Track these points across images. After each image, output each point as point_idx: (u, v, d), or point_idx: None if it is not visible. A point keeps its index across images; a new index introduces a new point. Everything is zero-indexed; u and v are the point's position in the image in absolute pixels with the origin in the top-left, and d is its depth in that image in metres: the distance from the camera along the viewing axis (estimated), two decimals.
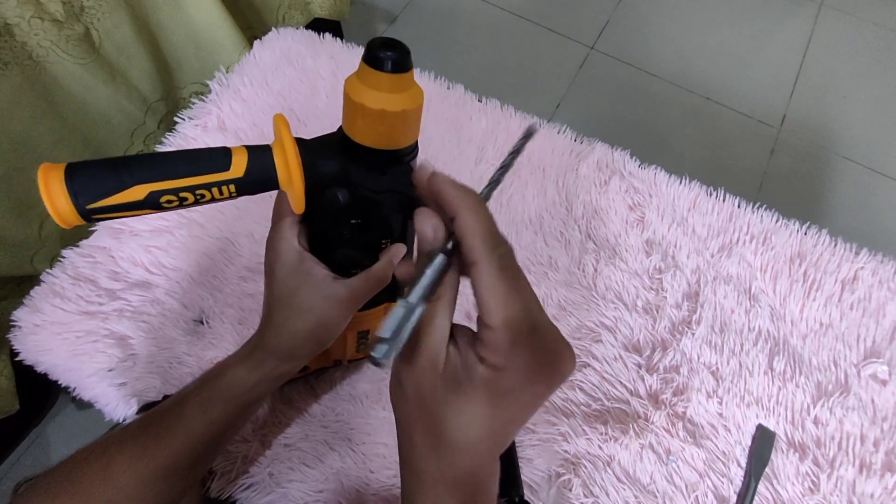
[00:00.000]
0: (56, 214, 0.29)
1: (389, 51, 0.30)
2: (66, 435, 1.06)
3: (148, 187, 0.30)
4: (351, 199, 0.35)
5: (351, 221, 0.37)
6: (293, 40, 0.74)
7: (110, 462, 0.36)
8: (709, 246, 0.62)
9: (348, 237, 0.37)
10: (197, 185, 0.31)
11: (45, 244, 0.81)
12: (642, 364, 0.55)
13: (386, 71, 0.30)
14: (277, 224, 0.37)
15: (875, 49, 1.65)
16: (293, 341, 0.38)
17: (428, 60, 1.69)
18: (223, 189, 0.32)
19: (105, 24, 0.76)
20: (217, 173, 0.31)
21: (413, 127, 0.34)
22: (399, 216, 0.38)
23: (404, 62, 0.31)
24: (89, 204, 0.29)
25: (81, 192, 0.29)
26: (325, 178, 0.34)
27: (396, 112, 0.31)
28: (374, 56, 0.30)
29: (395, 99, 0.31)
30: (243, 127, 0.67)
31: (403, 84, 0.31)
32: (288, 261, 0.37)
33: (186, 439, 0.38)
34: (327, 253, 0.38)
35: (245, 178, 0.32)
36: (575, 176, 0.66)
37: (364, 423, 0.52)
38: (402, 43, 0.31)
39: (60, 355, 0.54)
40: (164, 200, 0.31)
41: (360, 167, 0.34)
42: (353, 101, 0.31)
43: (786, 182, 1.41)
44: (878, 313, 0.58)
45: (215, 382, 0.39)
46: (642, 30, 1.65)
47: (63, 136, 0.78)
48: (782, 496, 0.50)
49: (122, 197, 0.30)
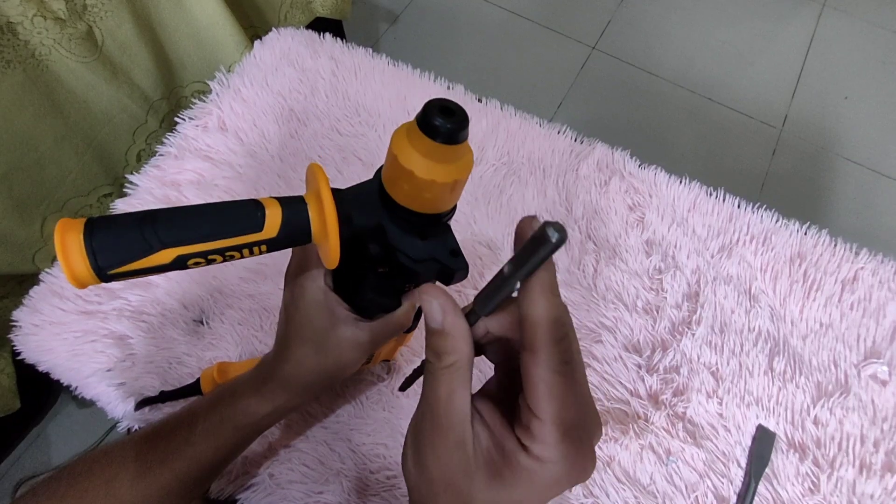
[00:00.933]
0: (72, 278, 0.26)
1: (447, 119, 0.28)
2: (66, 433, 1.06)
3: (176, 251, 0.27)
4: (383, 253, 0.33)
5: (378, 269, 0.35)
6: (293, 40, 0.74)
7: (113, 478, 0.36)
8: (709, 246, 0.62)
9: (374, 282, 0.36)
10: (228, 248, 0.28)
11: (47, 243, 0.81)
12: (642, 364, 0.55)
13: (441, 142, 0.28)
14: (304, 262, 0.36)
15: (877, 50, 1.64)
16: (310, 378, 0.38)
17: (428, 60, 1.69)
18: (254, 249, 0.29)
19: (107, 23, 0.76)
20: (250, 234, 0.29)
21: (459, 193, 0.32)
22: None
23: (462, 133, 0.29)
24: (111, 269, 0.26)
25: (102, 256, 0.26)
26: (360, 234, 0.32)
27: (447, 182, 0.29)
28: (430, 123, 0.28)
29: (448, 170, 0.29)
30: (244, 127, 0.67)
31: (458, 154, 0.29)
32: (313, 299, 0.35)
33: (192, 462, 0.38)
34: (350, 293, 0.37)
35: (278, 238, 0.29)
36: (575, 176, 0.66)
37: (364, 423, 0.52)
38: (461, 109, 0.29)
39: (61, 355, 0.54)
40: (191, 263, 0.28)
41: (398, 226, 0.33)
42: (400, 166, 0.29)
43: (787, 182, 1.41)
44: (878, 313, 0.58)
45: (226, 410, 0.39)
46: (644, 30, 1.65)
47: (65, 134, 0.78)
48: (782, 496, 0.50)
49: (148, 261, 0.27)
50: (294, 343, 0.37)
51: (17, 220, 0.76)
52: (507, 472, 0.23)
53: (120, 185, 0.87)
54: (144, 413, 0.52)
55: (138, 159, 0.91)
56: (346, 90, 0.70)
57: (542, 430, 0.22)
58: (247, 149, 0.66)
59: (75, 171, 0.82)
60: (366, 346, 0.37)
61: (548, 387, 0.22)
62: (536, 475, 0.23)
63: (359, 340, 0.36)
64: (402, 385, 0.35)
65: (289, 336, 0.37)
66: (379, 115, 0.69)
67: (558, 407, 0.22)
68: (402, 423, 0.52)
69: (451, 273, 0.34)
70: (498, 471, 0.23)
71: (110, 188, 0.88)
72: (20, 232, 0.77)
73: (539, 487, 0.23)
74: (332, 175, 0.66)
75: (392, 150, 0.30)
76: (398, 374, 0.55)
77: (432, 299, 0.25)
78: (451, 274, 0.34)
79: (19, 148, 0.74)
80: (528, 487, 0.23)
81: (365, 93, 0.70)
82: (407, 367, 0.55)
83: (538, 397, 0.22)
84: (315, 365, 0.37)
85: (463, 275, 0.34)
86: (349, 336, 0.36)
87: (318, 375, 0.37)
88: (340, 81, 0.71)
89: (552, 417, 0.22)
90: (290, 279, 0.37)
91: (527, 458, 0.23)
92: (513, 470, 0.23)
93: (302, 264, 0.36)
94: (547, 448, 0.22)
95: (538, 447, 0.22)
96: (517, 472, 0.23)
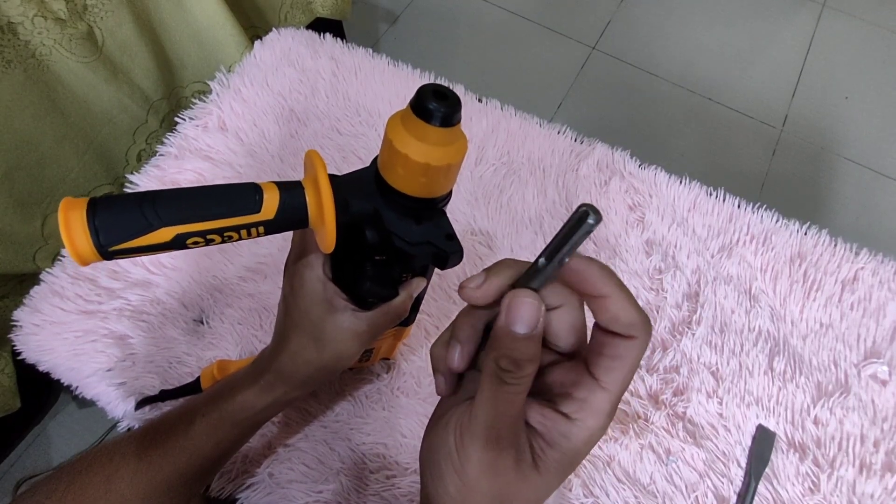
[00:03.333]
0: (75, 254, 0.27)
1: (440, 103, 0.29)
2: (67, 433, 1.07)
3: (175, 229, 0.28)
4: (380, 240, 0.34)
5: (375, 257, 0.36)
6: (293, 41, 0.74)
7: (113, 474, 0.36)
8: (709, 246, 0.62)
9: (371, 271, 0.36)
10: (226, 228, 0.29)
11: (48, 242, 0.81)
12: (642, 364, 0.55)
13: (434, 125, 0.29)
14: (303, 251, 0.37)
15: (877, 50, 1.64)
16: (308, 370, 0.38)
17: (428, 60, 1.69)
18: (252, 231, 0.30)
19: (108, 23, 0.76)
20: (248, 215, 0.29)
21: (454, 177, 0.33)
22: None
23: (454, 116, 0.30)
24: (113, 246, 0.27)
25: (104, 233, 0.27)
26: (356, 219, 0.33)
27: (441, 166, 0.30)
28: (423, 107, 0.29)
29: (442, 153, 0.30)
30: (244, 127, 0.67)
31: (451, 138, 0.30)
32: (312, 290, 0.36)
33: (192, 458, 0.38)
34: (347, 283, 0.37)
35: (275, 220, 0.30)
36: (575, 176, 0.66)
37: (364, 422, 0.52)
38: (454, 93, 0.30)
39: (61, 355, 0.54)
40: (190, 242, 0.29)
41: (393, 211, 0.33)
42: (395, 150, 0.30)
43: (787, 182, 1.41)
44: (878, 313, 0.58)
45: (225, 404, 0.39)
46: (644, 30, 1.65)
47: (65, 134, 0.78)
48: (782, 496, 0.50)
49: (148, 239, 0.28)
50: (292, 334, 0.37)
51: (17, 219, 0.76)
52: (551, 454, 0.24)
53: (120, 184, 0.87)
54: (145, 412, 0.52)
55: (139, 159, 0.91)
56: (346, 90, 0.71)
57: (605, 399, 0.23)
58: (247, 149, 0.66)
59: (76, 171, 0.82)
60: (364, 335, 0.37)
61: (630, 365, 0.23)
62: (582, 441, 0.24)
63: (357, 330, 0.36)
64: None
65: (287, 327, 0.37)
66: (379, 115, 0.69)
67: (624, 382, 0.23)
68: (402, 423, 0.52)
69: (445, 256, 0.34)
70: (542, 460, 0.24)
71: (111, 188, 0.89)
72: (21, 231, 0.77)
73: (584, 450, 0.24)
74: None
75: (387, 134, 0.31)
76: (398, 373, 0.55)
77: (531, 299, 0.23)
78: (445, 257, 0.34)
79: (20, 147, 0.74)
80: (573, 456, 0.24)
81: (365, 93, 0.70)
82: (406, 366, 0.55)
83: (614, 370, 0.23)
84: (313, 355, 0.37)
85: (458, 258, 0.34)
86: (347, 326, 0.36)
87: (316, 366, 0.38)
88: (341, 81, 0.71)
89: (619, 388, 0.23)
90: (288, 271, 0.38)
91: (579, 428, 0.24)
92: (559, 448, 0.24)
93: (300, 254, 0.37)
94: (601, 416, 0.23)
95: (593, 418, 0.23)
96: (563, 447, 0.24)
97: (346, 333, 0.36)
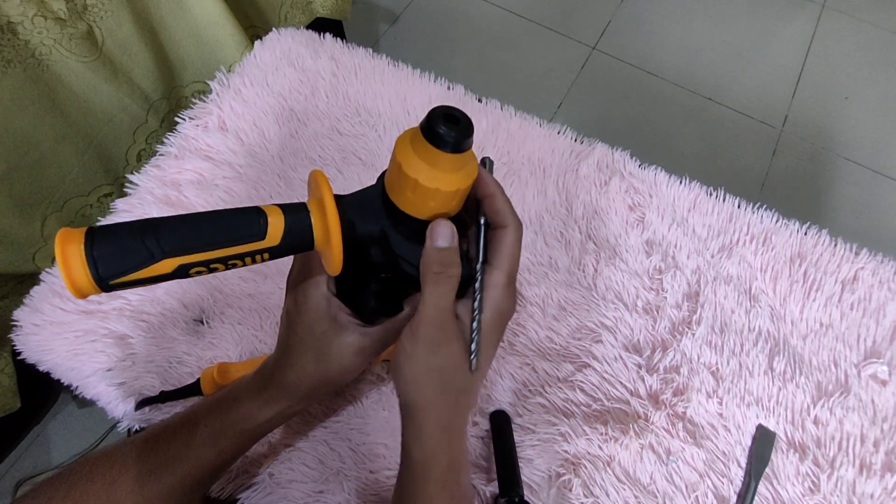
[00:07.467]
0: (73, 288, 0.25)
1: (452, 128, 0.28)
2: (67, 433, 1.07)
3: (178, 261, 0.27)
4: (385, 259, 0.33)
5: (381, 275, 0.35)
6: (294, 41, 0.74)
7: (114, 482, 0.36)
8: (709, 246, 0.62)
9: (376, 288, 0.36)
10: (230, 256, 0.28)
11: (47, 242, 0.81)
12: (642, 364, 0.55)
13: (446, 151, 0.28)
14: (306, 268, 0.36)
15: (877, 50, 1.64)
16: (312, 384, 0.38)
17: (428, 60, 1.69)
18: (256, 258, 0.29)
19: (108, 23, 0.76)
20: (253, 243, 0.29)
21: (464, 199, 0.32)
22: None
23: (466, 141, 0.29)
24: (112, 279, 0.26)
25: (104, 265, 0.25)
26: (362, 241, 0.32)
27: (452, 191, 0.30)
28: (435, 132, 0.28)
29: (453, 178, 0.29)
30: (244, 127, 0.67)
31: (462, 163, 0.29)
32: (316, 306, 0.35)
33: (193, 466, 0.38)
34: (352, 299, 0.37)
35: (280, 246, 0.29)
36: (575, 176, 0.66)
37: (364, 423, 0.52)
38: (466, 116, 0.29)
39: (61, 355, 0.55)
40: (193, 272, 0.28)
41: (400, 233, 0.33)
42: (405, 174, 0.29)
43: (787, 182, 1.41)
44: (878, 313, 0.58)
45: (227, 415, 0.39)
46: (644, 30, 1.65)
47: (65, 134, 0.78)
48: (782, 496, 0.50)
49: (149, 271, 0.26)
50: (296, 350, 0.37)
51: (17, 220, 0.76)
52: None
53: (120, 184, 0.87)
54: (145, 413, 0.52)
55: (139, 159, 0.91)
56: (346, 90, 0.70)
57: (498, 275, 0.33)
58: (247, 149, 0.66)
59: (76, 171, 0.82)
60: (368, 351, 0.37)
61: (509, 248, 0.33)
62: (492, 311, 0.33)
63: (361, 346, 0.36)
64: None
65: (291, 343, 0.37)
66: (379, 115, 0.69)
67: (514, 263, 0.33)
68: None
69: None
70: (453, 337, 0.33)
71: (111, 188, 0.89)
72: (20, 231, 0.77)
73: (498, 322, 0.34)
74: (333, 175, 0.66)
75: (396, 157, 0.30)
76: None
77: (445, 225, 0.31)
78: None
79: (20, 147, 0.74)
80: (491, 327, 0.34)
81: (365, 93, 0.70)
82: None
83: (498, 252, 0.33)
84: (317, 372, 0.37)
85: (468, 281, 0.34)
86: (352, 342, 0.36)
87: (320, 382, 0.37)
88: (341, 81, 0.71)
89: (507, 265, 0.33)
90: (292, 285, 0.37)
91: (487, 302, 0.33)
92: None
93: (304, 271, 0.36)
94: (498, 287, 0.33)
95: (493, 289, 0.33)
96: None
97: (350, 349, 0.36)
